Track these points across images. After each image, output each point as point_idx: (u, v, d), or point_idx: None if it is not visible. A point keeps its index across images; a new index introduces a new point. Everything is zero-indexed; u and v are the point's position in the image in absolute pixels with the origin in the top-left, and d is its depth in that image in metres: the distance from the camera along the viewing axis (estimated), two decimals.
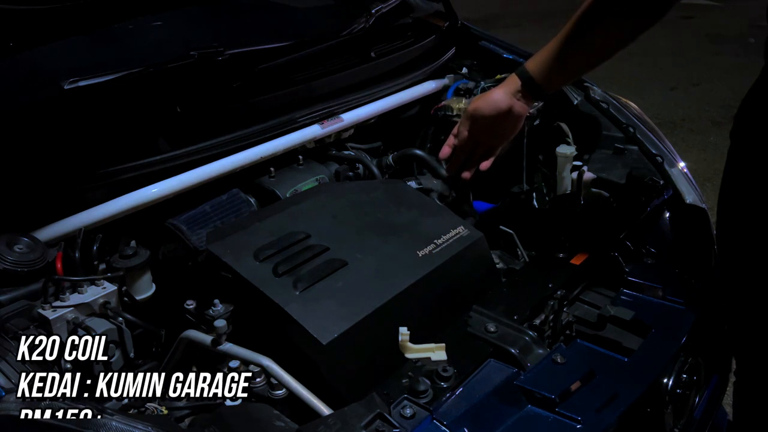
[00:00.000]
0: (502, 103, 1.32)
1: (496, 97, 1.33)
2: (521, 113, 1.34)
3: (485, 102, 1.34)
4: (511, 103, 1.31)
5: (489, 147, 1.41)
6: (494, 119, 1.33)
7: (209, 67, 1.40)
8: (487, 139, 1.39)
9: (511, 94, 1.32)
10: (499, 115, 1.33)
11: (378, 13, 1.79)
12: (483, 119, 1.34)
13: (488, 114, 1.33)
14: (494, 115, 1.33)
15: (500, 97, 1.32)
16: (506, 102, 1.32)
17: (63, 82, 1.23)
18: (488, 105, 1.33)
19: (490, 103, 1.33)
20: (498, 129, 1.36)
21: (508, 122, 1.34)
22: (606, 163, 1.61)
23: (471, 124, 1.37)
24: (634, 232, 1.44)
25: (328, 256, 1.17)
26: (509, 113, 1.32)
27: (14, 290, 1.09)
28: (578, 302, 1.32)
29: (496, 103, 1.32)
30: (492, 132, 1.37)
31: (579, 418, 1.00)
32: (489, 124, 1.34)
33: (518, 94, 1.31)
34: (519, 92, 1.31)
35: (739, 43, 6.33)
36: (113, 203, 1.26)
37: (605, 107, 1.73)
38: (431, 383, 1.00)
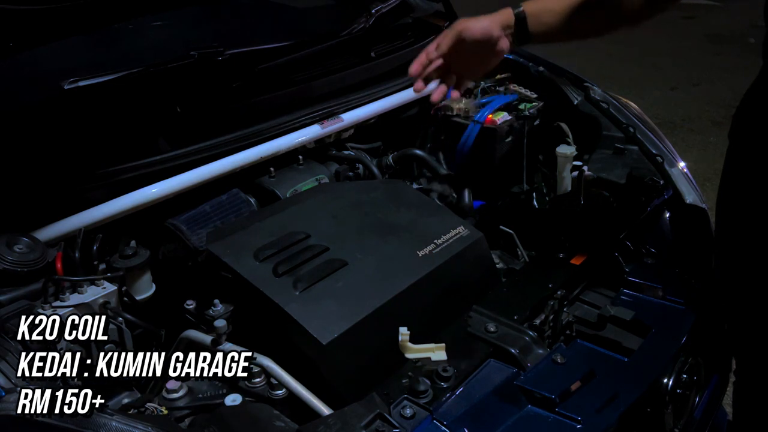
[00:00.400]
0: (493, 32, 1.28)
1: (488, 23, 1.29)
2: (504, 49, 1.30)
3: (477, 23, 1.29)
4: (500, 36, 1.29)
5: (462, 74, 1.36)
6: (479, 44, 1.29)
7: (209, 67, 1.40)
8: (464, 64, 1.33)
9: (501, 27, 1.29)
10: (485, 42, 1.29)
11: (378, 13, 1.79)
12: (469, 41, 1.29)
13: (476, 36, 1.28)
14: (481, 40, 1.28)
15: (492, 25, 1.29)
16: (496, 33, 1.28)
17: (63, 82, 1.23)
18: (480, 27, 1.28)
19: (481, 27, 1.28)
20: (477, 56, 1.32)
21: (489, 53, 1.31)
22: (606, 163, 1.61)
23: (455, 41, 1.30)
24: (634, 232, 1.44)
25: (328, 256, 1.17)
26: (493, 44, 1.29)
27: (14, 290, 1.09)
28: (578, 302, 1.32)
29: (487, 29, 1.28)
30: (471, 57, 1.32)
31: (579, 418, 1.00)
32: (472, 47, 1.29)
33: (508, 30, 1.29)
34: (509, 28, 1.29)
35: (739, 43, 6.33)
36: (113, 203, 1.26)
37: (605, 107, 1.73)
38: (431, 383, 1.00)
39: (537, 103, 1.78)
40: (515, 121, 1.72)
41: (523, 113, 1.74)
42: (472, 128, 1.70)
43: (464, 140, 1.71)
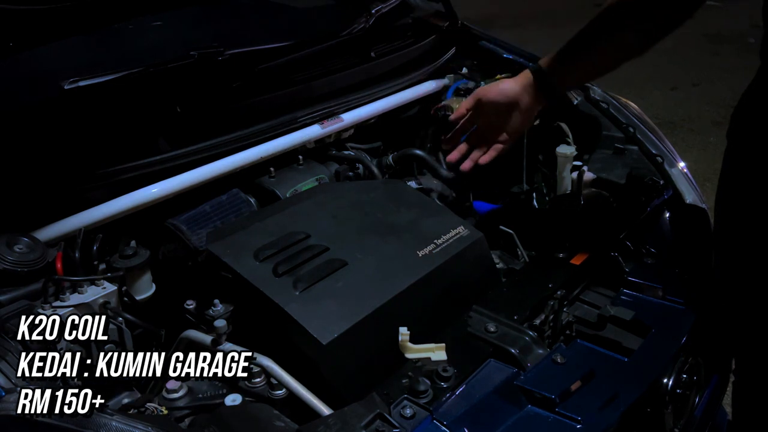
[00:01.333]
0: (511, 92, 1.28)
1: (506, 85, 1.29)
2: (530, 108, 1.29)
3: (494, 88, 1.30)
4: (521, 96, 1.28)
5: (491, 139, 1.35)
6: (500, 107, 1.29)
7: (209, 67, 1.40)
8: (491, 130, 1.33)
9: (521, 87, 1.28)
10: (506, 104, 1.28)
11: (378, 13, 1.79)
12: (489, 105, 1.29)
13: (495, 100, 1.28)
14: (501, 103, 1.28)
15: (510, 86, 1.29)
16: (516, 92, 1.28)
17: (63, 82, 1.23)
18: (497, 91, 1.29)
19: (499, 90, 1.29)
20: (503, 120, 1.31)
21: (514, 115, 1.29)
22: (606, 163, 1.61)
23: (476, 108, 1.32)
24: (634, 232, 1.44)
25: (328, 256, 1.17)
26: (517, 105, 1.28)
27: (14, 290, 1.09)
28: (578, 302, 1.32)
29: (505, 91, 1.28)
30: (496, 122, 1.31)
31: (579, 418, 1.00)
32: (495, 111, 1.30)
33: (529, 88, 1.27)
34: (530, 86, 1.27)
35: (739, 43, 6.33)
36: (113, 203, 1.26)
37: (605, 107, 1.73)
38: (431, 383, 1.00)
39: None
40: None
41: None
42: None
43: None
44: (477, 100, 1.31)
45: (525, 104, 1.28)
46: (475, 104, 1.32)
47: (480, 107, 1.31)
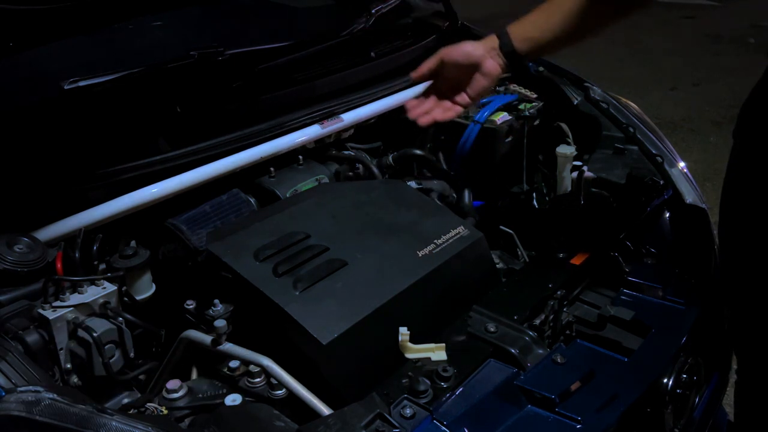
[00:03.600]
0: (474, 54, 1.29)
1: (470, 46, 1.30)
2: (492, 72, 1.30)
3: (458, 48, 1.30)
4: (483, 57, 1.29)
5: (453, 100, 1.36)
6: (463, 68, 1.30)
7: (209, 67, 1.40)
8: (452, 90, 1.34)
9: (485, 49, 1.29)
10: (469, 65, 1.29)
11: (378, 13, 1.79)
12: (452, 65, 1.30)
13: (458, 60, 1.30)
14: (464, 63, 1.29)
15: (474, 47, 1.29)
16: (479, 53, 1.29)
17: (63, 82, 1.23)
18: (460, 52, 1.30)
19: (462, 51, 1.30)
20: (465, 81, 1.31)
21: (476, 76, 1.31)
22: (606, 163, 1.61)
23: (438, 67, 1.32)
24: (634, 232, 1.44)
25: (328, 256, 1.17)
26: (479, 67, 1.29)
27: (14, 290, 1.09)
28: (578, 302, 1.32)
29: (469, 52, 1.29)
30: (457, 81, 1.32)
31: (579, 418, 1.00)
32: (457, 71, 1.31)
33: (493, 51, 1.29)
34: (494, 50, 1.29)
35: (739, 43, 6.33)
36: (113, 203, 1.26)
37: (605, 107, 1.73)
38: (431, 383, 1.00)
39: (537, 103, 1.78)
40: (515, 121, 1.72)
41: (523, 113, 1.74)
42: (472, 128, 1.70)
43: (464, 140, 1.71)
44: (440, 60, 1.31)
45: (488, 67, 1.29)
46: (438, 64, 1.32)
47: (442, 67, 1.32)
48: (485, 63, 1.29)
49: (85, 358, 1.07)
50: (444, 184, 1.63)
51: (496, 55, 1.29)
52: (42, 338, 1.04)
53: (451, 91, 1.34)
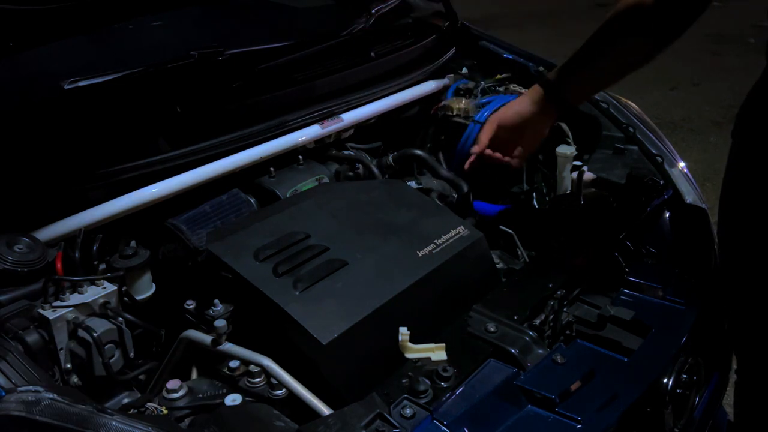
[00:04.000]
0: (524, 111, 1.32)
1: (518, 105, 1.33)
2: (545, 122, 1.34)
3: (510, 111, 1.34)
4: (534, 111, 1.32)
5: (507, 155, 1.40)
6: (517, 128, 1.34)
7: (209, 67, 1.40)
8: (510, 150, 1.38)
9: (533, 103, 1.32)
10: (521, 124, 1.33)
11: (378, 13, 1.79)
12: (505, 129, 1.34)
13: (510, 123, 1.34)
14: (517, 124, 1.33)
15: (523, 106, 1.33)
16: (529, 110, 1.32)
17: (63, 82, 1.23)
18: (513, 114, 1.34)
19: (514, 112, 1.33)
20: (520, 138, 1.36)
21: (530, 131, 1.35)
22: (606, 163, 1.61)
23: (492, 133, 1.36)
24: (634, 232, 1.44)
25: (328, 256, 1.17)
26: (531, 121, 1.33)
27: (14, 290, 1.09)
28: (578, 302, 1.32)
29: (521, 112, 1.33)
30: (514, 142, 1.36)
31: (579, 418, 1.00)
32: (511, 133, 1.35)
33: (541, 102, 1.32)
34: (541, 100, 1.31)
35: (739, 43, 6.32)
36: (113, 203, 1.26)
37: (605, 107, 1.73)
38: (431, 383, 1.00)
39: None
40: None
41: None
42: (472, 128, 1.70)
43: (464, 140, 1.71)
44: (495, 126, 1.35)
45: (539, 120, 1.33)
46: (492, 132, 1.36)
47: (496, 132, 1.36)
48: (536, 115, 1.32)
49: (85, 358, 1.07)
50: (444, 184, 1.63)
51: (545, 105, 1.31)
52: (42, 338, 1.04)
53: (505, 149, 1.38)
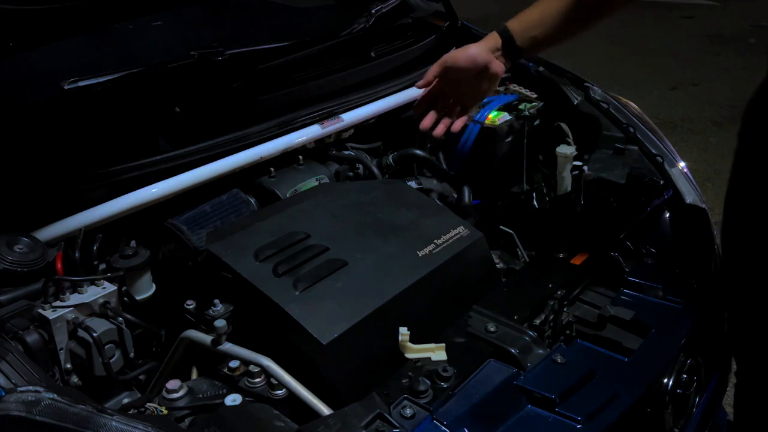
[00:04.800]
0: (479, 58, 1.30)
1: (474, 51, 1.30)
2: (497, 72, 1.32)
3: (462, 54, 1.31)
4: (489, 59, 1.30)
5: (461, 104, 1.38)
6: (468, 72, 1.31)
7: (209, 67, 1.40)
8: (459, 94, 1.35)
9: (489, 51, 1.30)
10: (474, 69, 1.31)
11: (378, 13, 1.80)
12: (457, 71, 1.31)
13: (463, 66, 1.31)
14: (469, 68, 1.31)
15: (478, 51, 1.30)
16: (483, 57, 1.30)
17: (63, 82, 1.23)
18: (466, 57, 1.30)
19: (467, 56, 1.30)
20: (471, 85, 1.33)
21: (482, 79, 1.32)
22: (606, 163, 1.61)
23: (443, 74, 1.33)
24: (634, 232, 1.44)
25: (328, 256, 1.17)
26: (485, 69, 1.31)
27: (14, 290, 1.09)
28: (578, 302, 1.32)
29: (474, 57, 1.30)
30: (464, 87, 1.34)
31: (579, 418, 1.00)
32: (463, 77, 1.32)
33: (497, 51, 1.30)
34: (498, 50, 1.30)
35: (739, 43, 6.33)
36: (113, 203, 1.26)
37: (605, 107, 1.73)
38: (431, 383, 1.00)
39: (537, 103, 1.78)
40: (515, 121, 1.72)
41: (523, 113, 1.74)
42: (472, 128, 1.70)
43: (464, 140, 1.71)
44: (445, 67, 1.32)
45: (493, 68, 1.31)
46: (443, 71, 1.33)
47: (448, 74, 1.32)
48: (491, 65, 1.30)
49: (85, 358, 1.07)
50: (444, 184, 1.63)
51: (500, 56, 1.30)
52: (42, 338, 1.04)
53: (457, 94, 1.36)
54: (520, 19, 1.30)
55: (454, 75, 1.33)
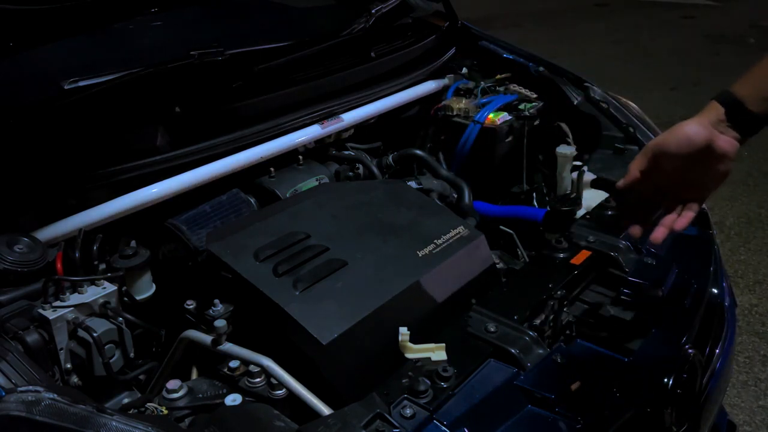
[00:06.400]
0: (696, 137, 0.97)
1: (690, 130, 0.98)
2: (726, 151, 0.98)
3: (673, 137, 0.99)
4: (711, 137, 0.97)
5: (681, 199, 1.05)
6: (687, 159, 0.98)
7: (209, 67, 1.40)
8: (677, 188, 1.04)
9: (710, 126, 0.98)
10: (694, 154, 0.98)
11: (378, 13, 1.80)
12: (671, 160, 0.99)
13: (679, 152, 0.98)
14: (687, 154, 0.98)
15: (695, 130, 0.98)
16: (703, 135, 0.97)
17: (63, 82, 1.23)
18: (678, 140, 0.98)
19: (680, 139, 0.98)
20: (692, 173, 1.01)
21: (707, 164, 0.99)
22: (606, 163, 1.61)
23: (650, 166, 1.02)
24: None
25: (328, 256, 1.17)
26: (708, 151, 0.98)
27: (14, 290, 1.09)
28: (578, 302, 1.32)
29: (690, 137, 0.97)
30: (683, 177, 1.02)
31: (579, 418, 1.00)
32: (681, 165, 1.00)
33: (721, 124, 0.99)
34: (722, 122, 0.99)
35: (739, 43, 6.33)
36: (113, 203, 1.26)
37: (605, 107, 1.73)
38: (431, 383, 1.00)
39: (537, 103, 1.78)
40: (515, 121, 1.72)
41: (523, 113, 1.74)
42: (472, 128, 1.70)
43: (464, 140, 1.71)
44: (652, 156, 1.02)
45: (720, 145, 0.98)
46: (650, 162, 1.02)
47: (658, 165, 1.02)
48: (716, 142, 0.98)
49: (85, 358, 1.07)
50: (444, 184, 1.63)
51: (726, 128, 0.99)
52: (42, 338, 1.04)
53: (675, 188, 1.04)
54: (748, 79, 1.01)
55: (666, 165, 1.01)
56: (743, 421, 2.22)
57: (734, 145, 0.99)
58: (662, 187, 1.04)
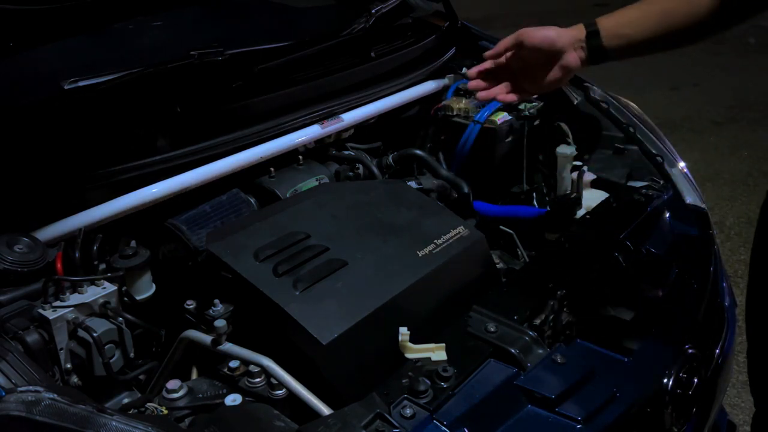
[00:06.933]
0: (558, 41, 1.17)
1: (552, 32, 1.17)
2: (571, 65, 1.18)
3: (540, 32, 1.17)
4: (565, 48, 1.17)
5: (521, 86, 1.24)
6: (540, 53, 1.18)
7: (209, 67, 1.40)
8: (523, 76, 1.22)
9: (571, 39, 1.17)
10: (547, 52, 1.17)
11: (378, 13, 1.80)
12: (530, 49, 1.18)
13: (538, 46, 1.17)
14: (542, 48, 1.17)
15: (558, 35, 1.17)
16: (561, 42, 1.16)
17: (63, 82, 1.23)
18: (542, 36, 1.17)
19: (544, 36, 1.17)
20: (538, 67, 1.20)
21: (551, 66, 1.19)
22: (606, 163, 1.61)
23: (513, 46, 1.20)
24: (634, 232, 1.44)
25: (328, 256, 1.17)
26: (558, 56, 1.17)
27: (14, 290, 1.09)
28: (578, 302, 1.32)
29: (552, 38, 1.17)
30: (531, 67, 1.21)
31: (579, 418, 1.00)
32: (532, 56, 1.19)
33: (578, 43, 1.17)
34: (579, 41, 1.17)
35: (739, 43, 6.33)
36: (113, 203, 1.26)
37: (605, 107, 1.73)
38: (431, 383, 1.00)
39: (537, 103, 1.78)
40: (515, 121, 1.72)
41: (523, 113, 1.74)
42: (472, 128, 1.70)
43: (464, 140, 1.71)
44: (519, 41, 1.20)
45: (568, 59, 1.18)
46: (515, 45, 1.20)
47: (519, 48, 1.20)
48: (567, 54, 1.18)
49: (85, 358, 1.07)
50: (444, 184, 1.63)
51: (579, 48, 1.17)
52: (42, 338, 1.04)
53: (522, 75, 1.23)
54: (614, 16, 1.16)
55: (525, 52, 1.19)
56: (743, 421, 2.22)
57: (578, 63, 1.18)
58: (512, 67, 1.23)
